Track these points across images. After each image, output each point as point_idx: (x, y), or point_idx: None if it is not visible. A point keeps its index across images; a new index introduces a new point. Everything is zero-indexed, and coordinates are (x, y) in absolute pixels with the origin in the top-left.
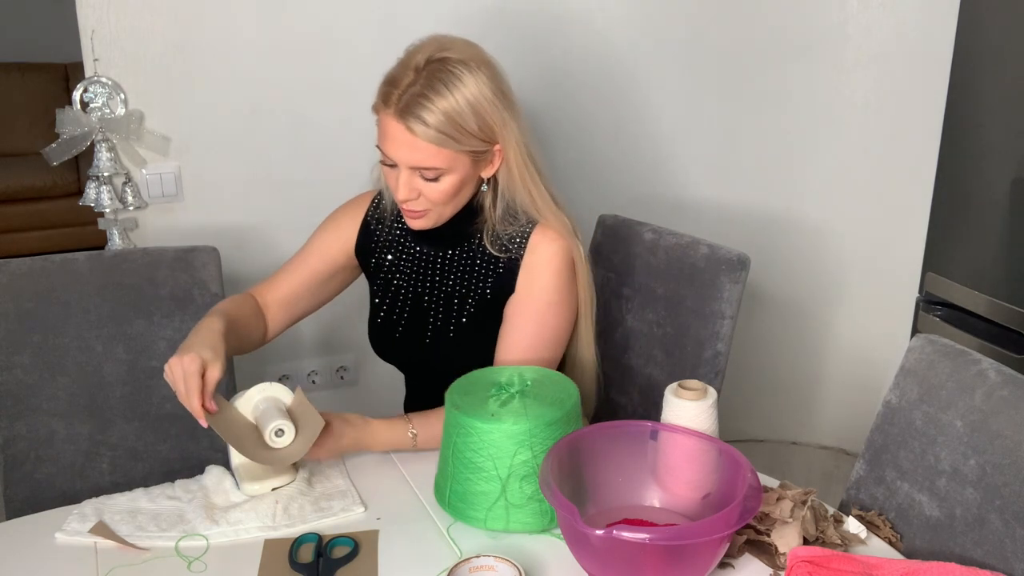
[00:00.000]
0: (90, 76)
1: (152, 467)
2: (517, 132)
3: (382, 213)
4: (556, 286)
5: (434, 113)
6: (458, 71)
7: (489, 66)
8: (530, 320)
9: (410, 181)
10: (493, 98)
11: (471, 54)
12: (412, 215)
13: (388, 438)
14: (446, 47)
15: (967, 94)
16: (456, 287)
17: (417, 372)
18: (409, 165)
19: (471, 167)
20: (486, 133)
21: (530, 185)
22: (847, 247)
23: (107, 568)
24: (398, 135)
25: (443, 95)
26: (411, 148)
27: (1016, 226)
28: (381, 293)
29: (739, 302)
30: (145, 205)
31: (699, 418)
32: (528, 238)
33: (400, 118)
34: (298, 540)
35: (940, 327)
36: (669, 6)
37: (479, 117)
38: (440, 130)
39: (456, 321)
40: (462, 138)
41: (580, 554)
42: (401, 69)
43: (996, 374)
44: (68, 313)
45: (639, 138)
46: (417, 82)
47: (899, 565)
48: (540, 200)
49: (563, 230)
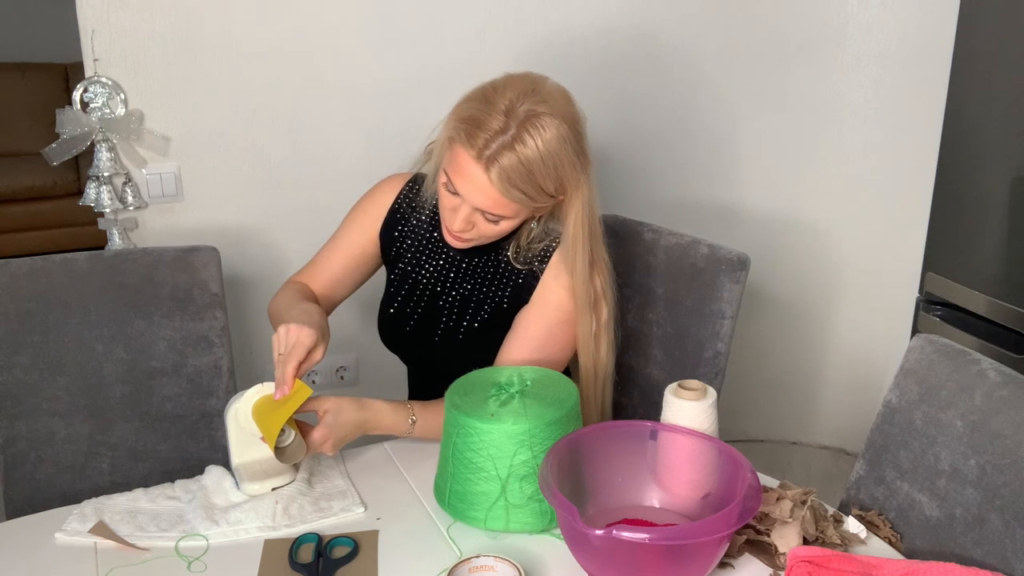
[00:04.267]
0: (90, 76)
1: (152, 467)
2: (587, 192)
3: (417, 201)
4: (571, 308)
5: (519, 170)
6: (551, 131)
7: (577, 122)
8: (539, 332)
9: (470, 217)
10: (575, 158)
11: (563, 110)
12: (458, 239)
13: (390, 420)
14: (542, 97)
15: (967, 94)
16: (474, 292)
17: (421, 368)
18: (476, 207)
19: (531, 212)
20: (559, 191)
21: (580, 244)
22: (847, 247)
23: (107, 568)
24: (475, 178)
25: (531, 153)
26: (484, 194)
27: (1016, 226)
28: (398, 283)
29: (739, 302)
30: (145, 205)
31: (699, 418)
32: (552, 255)
33: (483, 165)
34: (298, 540)
35: (940, 327)
36: (668, 6)
37: (557, 178)
38: (519, 187)
39: (468, 325)
40: (537, 196)
41: (580, 554)
42: (487, 108)
43: (996, 374)
44: (68, 313)
45: (638, 138)
46: (507, 131)
47: (899, 565)
48: (581, 260)
49: (575, 296)
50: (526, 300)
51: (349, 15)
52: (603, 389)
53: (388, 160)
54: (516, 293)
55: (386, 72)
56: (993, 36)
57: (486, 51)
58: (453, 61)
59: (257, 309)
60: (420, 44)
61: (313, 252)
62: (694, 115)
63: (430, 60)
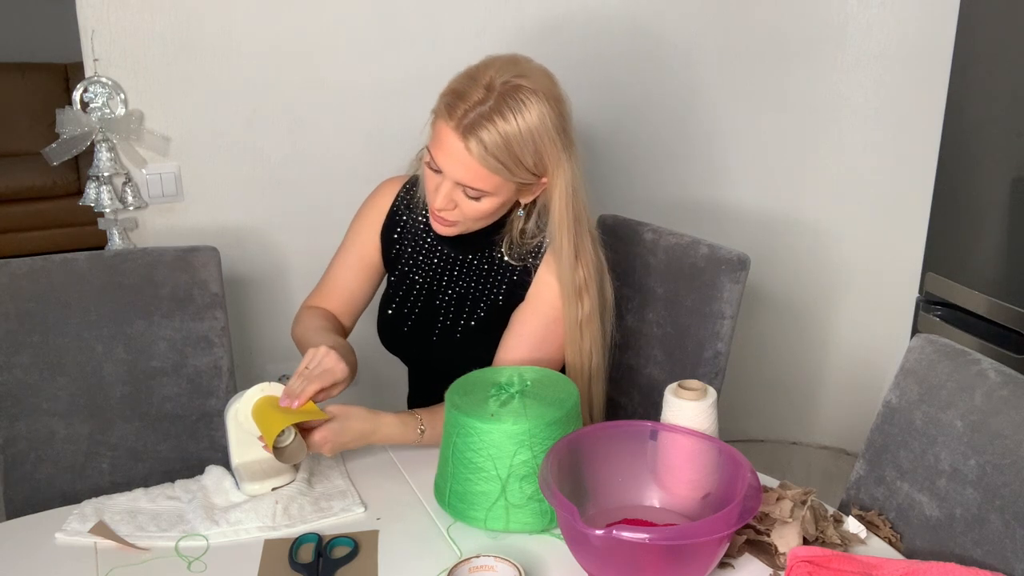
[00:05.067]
0: (90, 76)
1: (152, 467)
2: (569, 173)
3: (412, 201)
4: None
5: (495, 139)
6: (529, 102)
7: (559, 102)
8: (535, 329)
9: (451, 193)
10: (556, 136)
11: (545, 86)
12: (442, 222)
13: (398, 432)
14: (523, 73)
15: (967, 94)
16: (469, 290)
17: (421, 368)
18: (456, 180)
19: (513, 193)
20: (539, 168)
21: (565, 229)
22: (847, 247)
23: (107, 568)
24: (454, 149)
25: (509, 123)
26: (463, 165)
27: (1016, 226)
28: (395, 284)
29: (739, 302)
30: (145, 205)
31: (699, 418)
32: (545, 251)
33: (461, 134)
34: (298, 540)
35: (940, 327)
36: (668, 6)
37: (537, 153)
38: (497, 157)
39: (465, 324)
40: (515, 169)
41: (580, 554)
42: (469, 82)
43: (996, 374)
44: (68, 313)
45: (638, 138)
46: (486, 102)
47: (899, 565)
48: (566, 247)
49: (560, 284)
50: (521, 297)
51: (349, 15)
52: (591, 386)
53: (388, 160)
54: (511, 290)
55: (386, 72)
56: (993, 36)
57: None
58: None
59: (257, 309)
60: (420, 44)
61: (313, 252)
62: (694, 115)
63: (430, 60)
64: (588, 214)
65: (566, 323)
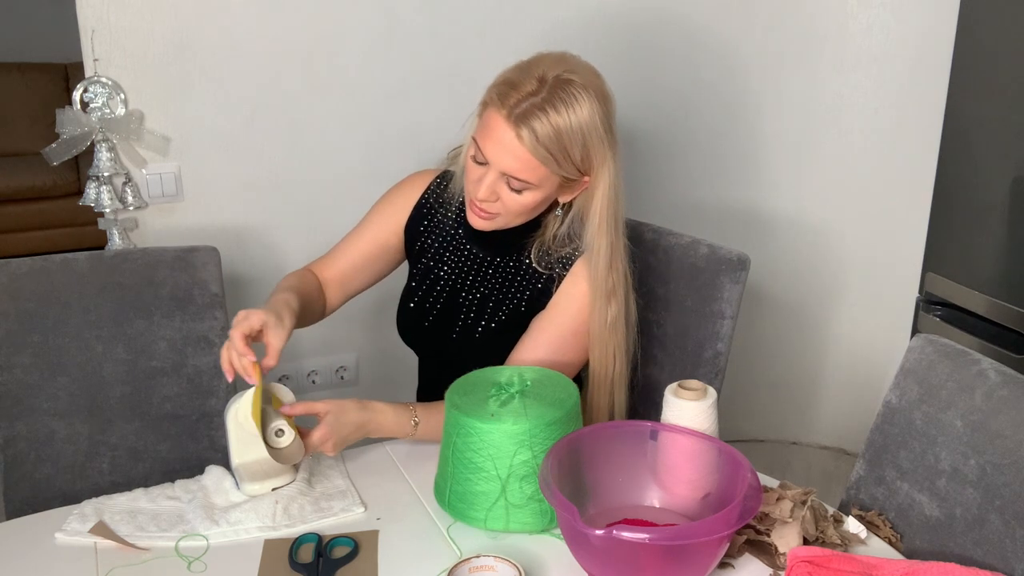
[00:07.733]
0: (90, 76)
1: (152, 467)
2: (612, 173)
3: (444, 197)
4: (586, 318)
5: (547, 130)
6: (580, 97)
7: (607, 100)
8: (553, 337)
9: (495, 184)
10: (604, 134)
11: (594, 83)
12: (481, 214)
13: (392, 422)
14: (573, 69)
15: (967, 94)
16: (493, 292)
17: (434, 364)
18: (502, 170)
19: (555, 189)
20: (585, 164)
21: (604, 230)
22: (847, 247)
23: (107, 568)
24: (504, 138)
25: (561, 115)
26: (512, 154)
27: (1016, 226)
28: (420, 278)
29: (739, 302)
30: (145, 205)
31: (699, 418)
32: (574, 262)
33: (513, 123)
34: (298, 540)
35: (940, 327)
36: (667, 5)
37: (584, 148)
38: (547, 147)
39: (485, 325)
40: (563, 162)
41: (580, 554)
42: (522, 75)
43: (996, 374)
44: (68, 313)
45: (638, 138)
46: (539, 94)
47: (899, 565)
48: (603, 248)
49: (592, 285)
50: (544, 305)
51: (349, 15)
52: (613, 392)
53: (388, 160)
54: (535, 297)
55: (386, 72)
56: (993, 36)
57: (487, 52)
58: (453, 61)
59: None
60: (420, 44)
61: (313, 252)
62: (694, 115)
63: (430, 60)
64: (623, 221)
65: (593, 325)
